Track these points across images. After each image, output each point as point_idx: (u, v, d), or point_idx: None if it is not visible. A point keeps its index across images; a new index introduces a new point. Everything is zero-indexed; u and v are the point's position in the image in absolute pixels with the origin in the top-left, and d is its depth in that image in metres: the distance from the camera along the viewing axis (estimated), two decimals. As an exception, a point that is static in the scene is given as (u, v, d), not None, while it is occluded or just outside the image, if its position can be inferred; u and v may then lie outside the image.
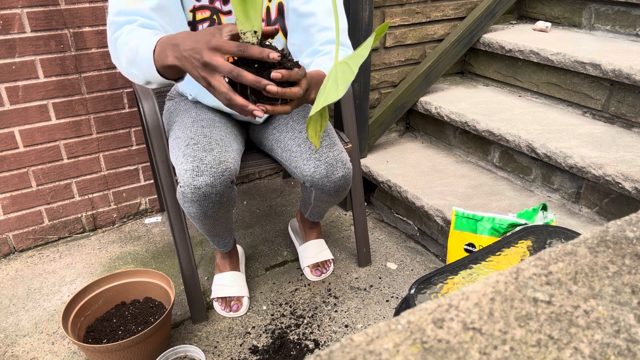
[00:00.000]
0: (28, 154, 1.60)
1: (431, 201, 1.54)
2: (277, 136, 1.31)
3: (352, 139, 1.46)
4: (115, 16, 1.00)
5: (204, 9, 1.14)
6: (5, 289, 1.54)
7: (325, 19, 1.16)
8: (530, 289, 0.34)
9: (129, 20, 1.00)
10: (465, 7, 1.93)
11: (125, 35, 0.97)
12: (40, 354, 1.30)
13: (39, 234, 1.72)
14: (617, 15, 1.80)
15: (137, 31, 0.97)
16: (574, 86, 1.68)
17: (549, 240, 1.00)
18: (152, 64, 0.91)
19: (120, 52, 0.98)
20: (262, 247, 1.71)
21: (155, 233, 1.80)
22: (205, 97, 1.30)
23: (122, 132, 1.73)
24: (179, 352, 1.27)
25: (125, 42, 0.96)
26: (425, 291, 0.87)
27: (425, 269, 1.59)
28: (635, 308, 0.33)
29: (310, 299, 1.46)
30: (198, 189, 1.10)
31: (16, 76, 1.50)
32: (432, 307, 0.33)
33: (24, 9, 1.44)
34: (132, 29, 0.98)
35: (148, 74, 0.94)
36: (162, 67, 0.91)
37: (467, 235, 1.25)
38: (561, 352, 0.29)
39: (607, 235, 0.40)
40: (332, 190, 1.25)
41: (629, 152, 1.40)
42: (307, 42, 1.18)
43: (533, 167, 1.58)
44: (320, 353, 0.29)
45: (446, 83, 2.03)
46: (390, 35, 1.80)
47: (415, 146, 1.93)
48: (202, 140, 1.16)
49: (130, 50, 0.94)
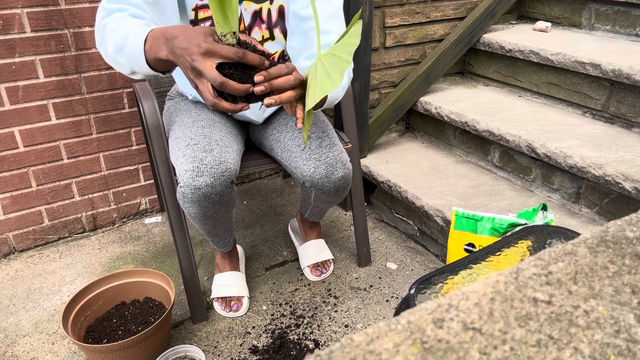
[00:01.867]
0: (28, 154, 1.60)
1: (431, 201, 1.54)
2: (277, 136, 1.31)
3: (352, 139, 1.46)
4: (107, 2, 0.99)
5: (207, 7, 1.14)
6: (5, 289, 1.54)
7: (325, 23, 1.16)
8: (530, 289, 0.34)
9: (120, 8, 0.98)
10: (465, 7, 1.93)
11: (115, 22, 0.95)
12: (40, 354, 1.30)
13: (39, 234, 1.72)
14: (617, 15, 1.80)
15: (127, 19, 0.95)
16: (574, 86, 1.68)
17: (549, 240, 1.00)
18: (142, 55, 0.90)
19: (108, 38, 0.95)
20: (262, 247, 1.71)
21: (155, 233, 1.80)
22: (205, 97, 1.29)
23: (122, 132, 1.73)
24: (179, 352, 1.27)
25: (114, 29, 0.94)
26: (425, 291, 0.87)
27: (425, 269, 1.59)
28: (635, 308, 0.33)
29: (310, 299, 1.46)
30: (198, 189, 1.10)
31: (16, 76, 1.50)
32: (432, 307, 0.33)
33: (24, 9, 1.44)
34: (122, 16, 0.96)
35: (135, 64, 0.93)
36: (153, 60, 0.89)
37: (467, 235, 1.25)
38: (561, 352, 0.29)
39: (607, 235, 0.40)
40: (332, 191, 1.25)
41: (629, 152, 1.40)
42: (306, 45, 1.18)
43: (533, 167, 1.58)
44: (320, 353, 0.29)
45: (446, 83, 2.03)
46: (390, 35, 1.80)
47: (415, 146, 1.93)
48: (202, 140, 1.16)
49: (119, 37, 0.93)
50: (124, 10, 0.98)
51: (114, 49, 0.94)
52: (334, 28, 1.16)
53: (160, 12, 1.05)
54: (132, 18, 0.96)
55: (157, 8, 1.05)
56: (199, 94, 0.85)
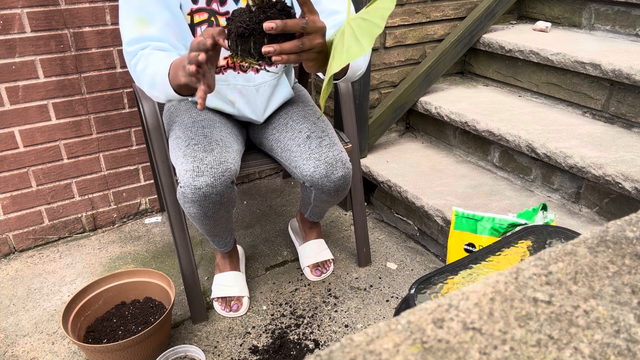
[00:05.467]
0: (28, 154, 1.60)
1: (431, 201, 1.54)
2: (276, 136, 1.31)
3: (352, 139, 1.46)
4: (127, 46, 1.07)
5: (202, 11, 1.15)
6: (5, 289, 1.54)
7: (331, 3, 1.15)
8: (530, 289, 0.34)
9: (141, 47, 1.07)
10: (465, 7, 1.93)
11: (143, 62, 1.04)
12: (40, 354, 1.30)
13: (39, 234, 1.72)
14: (617, 15, 1.80)
15: (152, 56, 1.03)
16: (574, 86, 1.68)
17: (549, 240, 1.00)
18: (169, 85, 0.98)
19: (141, 78, 1.05)
20: (262, 247, 1.71)
21: (155, 233, 1.80)
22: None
23: (122, 132, 1.73)
24: (179, 352, 1.27)
25: (143, 69, 1.04)
26: (425, 291, 0.87)
27: (425, 269, 1.59)
28: (635, 308, 0.33)
29: (310, 299, 1.46)
30: (198, 189, 1.10)
31: (16, 76, 1.50)
32: (432, 307, 0.33)
33: (24, 9, 1.44)
34: (148, 53, 1.05)
35: (167, 94, 1.01)
36: (177, 86, 0.97)
37: (467, 235, 1.25)
38: (561, 352, 0.29)
39: (607, 235, 0.40)
40: (331, 190, 1.25)
41: (629, 152, 1.40)
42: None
43: (533, 167, 1.58)
44: (320, 353, 0.29)
45: (446, 83, 2.03)
46: (390, 35, 1.80)
47: (415, 146, 1.93)
48: (203, 140, 1.16)
49: (149, 75, 1.02)
50: (145, 47, 1.07)
51: (148, 86, 1.04)
52: (342, 7, 1.16)
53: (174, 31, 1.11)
54: (156, 52, 1.05)
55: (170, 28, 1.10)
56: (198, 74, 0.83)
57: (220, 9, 1.17)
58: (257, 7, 0.79)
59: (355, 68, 1.08)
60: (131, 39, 1.06)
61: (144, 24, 1.06)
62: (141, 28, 1.06)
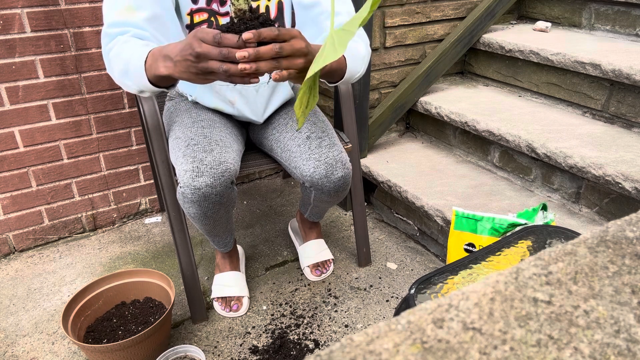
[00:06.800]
0: (28, 154, 1.60)
1: (431, 201, 1.54)
2: (276, 136, 1.31)
3: (352, 139, 1.46)
4: (108, 28, 1.03)
5: (201, 11, 1.15)
6: (5, 289, 1.54)
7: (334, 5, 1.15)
8: (530, 289, 0.34)
9: (121, 31, 1.02)
10: (465, 7, 1.93)
11: (118, 47, 0.99)
12: (40, 354, 1.30)
13: (39, 234, 1.72)
14: (617, 15, 1.80)
15: (129, 43, 0.99)
16: (574, 86, 1.68)
17: (549, 240, 1.00)
18: (144, 75, 0.95)
19: (113, 63, 1.01)
20: (262, 247, 1.71)
21: (155, 233, 1.80)
22: (204, 98, 1.30)
23: (122, 132, 1.73)
24: (179, 352, 1.27)
25: (117, 53, 0.99)
26: (425, 291, 0.87)
27: (425, 269, 1.59)
28: (635, 308, 0.33)
29: (310, 299, 1.46)
30: (198, 189, 1.10)
31: (16, 76, 1.50)
32: (432, 307, 0.33)
33: (24, 9, 1.44)
34: (125, 40, 1.00)
35: (140, 84, 0.98)
36: (154, 77, 0.94)
37: (467, 235, 1.25)
38: (561, 352, 0.29)
39: (607, 235, 0.40)
40: (331, 191, 1.25)
41: (629, 152, 1.40)
42: (318, 32, 1.18)
43: (533, 167, 1.58)
44: (320, 353, 0.29)
45: (446, 83, 2.03)
46: (390, 35, 1.80)
47: (415, 146, 1.93)
48: (202, 140, 1.16)
49: (122, 62, 0.98)
50: (125, 33, 1.02)
51: (119, 73, 1.00)
52: (343, 9, 1.16)
53: (161, 27, 1.08)
54: (134, 40, 1.00)
55: (158, 24, 1.07)
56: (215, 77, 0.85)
57: (220, 9, 1.17)
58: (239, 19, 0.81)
59: (353, 72, 1.10)
60: (115, 21, 1.02)
61: (131, 11, 1.03)
62: (127, 14, 1.02)
